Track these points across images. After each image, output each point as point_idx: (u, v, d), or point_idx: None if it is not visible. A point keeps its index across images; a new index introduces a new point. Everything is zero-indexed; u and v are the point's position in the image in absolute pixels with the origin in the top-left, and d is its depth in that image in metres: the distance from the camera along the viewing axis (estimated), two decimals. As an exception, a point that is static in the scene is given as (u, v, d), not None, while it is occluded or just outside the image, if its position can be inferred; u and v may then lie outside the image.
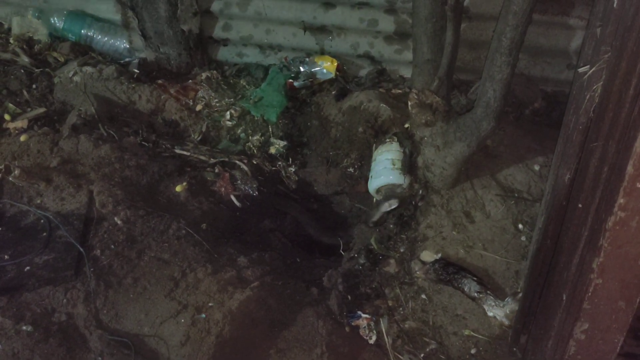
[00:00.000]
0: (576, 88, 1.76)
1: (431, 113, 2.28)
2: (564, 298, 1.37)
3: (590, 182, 1.32)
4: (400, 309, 2.26)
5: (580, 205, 1.36)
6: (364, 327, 2.19)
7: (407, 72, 2.96)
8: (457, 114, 2.32)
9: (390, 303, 2.27)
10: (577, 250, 1.30)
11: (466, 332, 2.19)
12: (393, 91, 2.89)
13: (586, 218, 1.26)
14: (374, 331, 2.18)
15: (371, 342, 2.16)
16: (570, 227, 1.43)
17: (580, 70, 1.57)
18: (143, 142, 2.61)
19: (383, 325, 2.19)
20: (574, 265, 1.32)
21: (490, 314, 2.20)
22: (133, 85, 2.85)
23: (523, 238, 2.39)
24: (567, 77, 2.87)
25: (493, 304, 2.20)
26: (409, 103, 2.31)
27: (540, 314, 1.62)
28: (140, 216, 2.27)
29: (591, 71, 1.45)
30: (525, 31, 2.06)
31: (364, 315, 2.21)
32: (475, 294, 2.22)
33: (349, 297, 2.27)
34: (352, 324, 2.19)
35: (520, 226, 2.42)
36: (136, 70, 3.01)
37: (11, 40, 3.16)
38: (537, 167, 2.55)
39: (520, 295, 2.15)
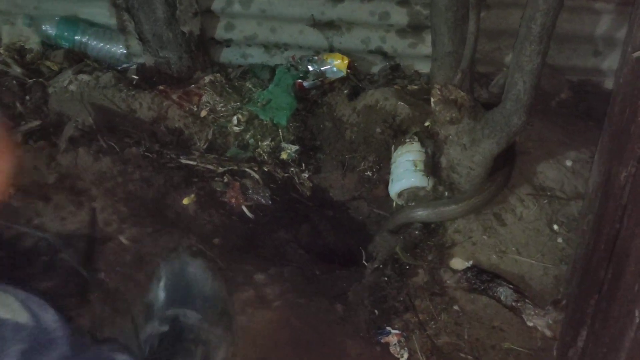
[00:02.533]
0: (627, 76, 1.59)
1: (456, 109, 2.11)
2: (637, 315, 1.20)
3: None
4: (432, 322, 2.09)
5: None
6: (395, 344, 2.02)
7: (422, 67, 2.79)
8: (485, 110, 2.15)
9: (420, 317, 2.10)
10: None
11: (505, 346, 2.02)
12: (409, 87, 2.72)
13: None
14: (406, 348, 2.02)
15: (403, 360, 1.99)
16: (635, 231, 1.26)
17: (636, 55, 1.40)
18: (146, 153, 2.44)
19: (415, 342, 2.03)
20: (650, 278, 1.15)
21: (530, 324, 2.03)
22: (132, 93, 2.68)
23: (559, 240, 2.22)
24: (594, 65, 2.70)
25: (532, 313, 2.03)
26: (432, 100, 2.13)
27: (600, 329, 1.45)
28: (147, 234, 2.11)
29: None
30: (557, 16, 1.89)
31: (393, 331, 2.05)
32: (513, 303, 2.06)
33: (376, 311, 2.10)
34: (382, 341, 2.02)
35: (555, 227, 2.25)
36: (135, 77, 2.84)
37: (1, 51, 2.99)
38: (569, 163, 2.38)
39: (563, 303, 1.98)
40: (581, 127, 2.57)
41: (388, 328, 2.05)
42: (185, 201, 2.31)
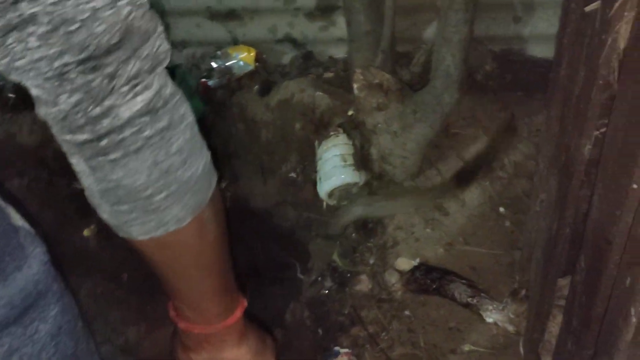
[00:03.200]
0: (571, 35, 1.41)
1: (383, 94, 1.90)
2: (632, 314, 1.01)
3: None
4: (383, 333, 1.87)
5: (635, 186, 1.00)
6: (345, 365, 1.79)
7: (337, 52, 2.58)
8: (412, 91, 1.95)
9: (370, 329, 1.88)
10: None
11: (466, 348, 1.82)
12: (325, 75, 2.49)
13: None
14: (359, 368, 1.79)
15: (357, 382, 1.77)
16: (615, 212, 1.07)
17: (589, 9, 1.21)
18: (32, 184, 2.10)
19: (368, 358, 1.80)
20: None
21: (489, 320, 1.84)
22: (9, 115, 2.33)
23: (507, 223, 2.05)
24: (515, 32, 2.55)
25: (490, 308, 1.84)
26: (355, 86, 1.91)
27: (580, 327, 1.26)
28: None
29: (614, 10, 1.09)
30: (481, -21, 1.71)
31: (342, 351, 1.81)
32: (468, 300, 1.87)
33: (320, 331, 1.87)
34: (331, 364, 1.78)
35: (501, 209, 2.08)
36: (11, 95, 2.48)
37: None
38: (505, 139, 2.22)
39: (523, 293, 1.80)
40: (511, 98, 2.42)
41: (336, 348, 1.82)
42: (86, 232, 2.00)
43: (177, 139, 0.71)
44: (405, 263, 1.98)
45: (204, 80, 2.54)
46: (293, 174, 2.33)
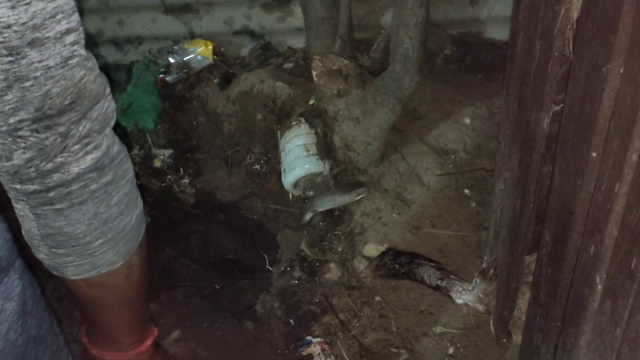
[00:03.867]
0: (525, 11, 1.41)
1: (342, 80, 1.88)
2: (598, 282, 1.01)
3: (604, 119, 0.96)
4: (355, 320, 1.86)
5: (594, 154, 1.00)
6: (318, 354, 1.77)
7: (295, 42, 2.55)
8: (373, 76, 1.94)
9: (341, 316, 1.87)
10: (609, 212, 0.94)
11: (438, 330, 1.82)
12: (285, 66, 2.46)
13: (619, 166, 0.90)
14: (332, 356, 1.77)
15: (331, 370, 1.75)
16: (577, 182, 1.08)
17: (541, -19, 1.21)
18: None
19: (341, 346, 1.79)
20: (609, 235, 0.96)
21: (459, 301, 1.84)
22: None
23: (473, 204, 2.05)
24: (472, 16, 2.56)
25: (460, 289, 1.84)
26: (314, 73, 1.89)
27: (548, 300, 1.27)
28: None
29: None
30: (436, -40, 1.70)
31: (314, 340, 1.80)
32: (437, 282, 1.86)
33: (292, 321, 1.85)
34: (304, 353, 1.77)
35: (466, 191, 2.08)
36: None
37: None
38: (467, 120, 2.22)
39: (491, 272, 1.81)
40: (471, 81, 2.42)
41: (308, 337, 1.80)
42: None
43: (117, 193, 0.77)
44: (373, 249, 1.97)
45: (161, 75, 2.49)
46: (257, 166, 2.30)
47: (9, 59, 0.62)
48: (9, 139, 0.66)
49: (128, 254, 0.83)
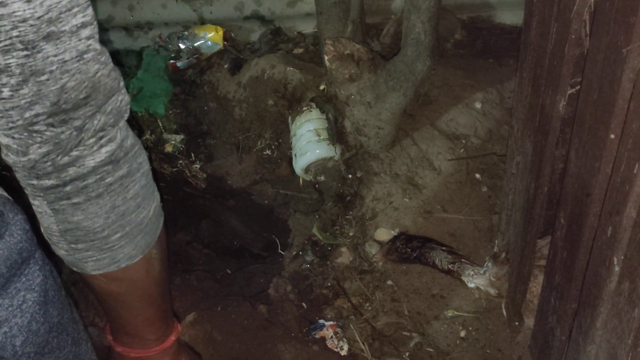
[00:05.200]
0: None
1: (355, 64, 1.88)
2: (615, 263, 1.02)
3: (623, 101, 0.96)
4: (367, 304, 1.87)
5: (612, 136, 1.00)
6: (331, 337, 1.79)
7: (305, 27, 2.55)
8: (385, 61, 1.93)
9: (353, 300, 1.88)
10: (628, 193, 0.95)
11: (449, 314, 1.84)
12: (295, 51, 2.46)
13: (639, 147, 0.91)
14: (344, 339, 1.79)
15: (343, 353, 1.76)
16: (594, 164, 1.08)
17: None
18: None
19: (353, 329, 1.80)
20: (627, 216, 0.96)
21: (471, 285, 1.86)
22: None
23: (484, 189, 2.06)
24: (483, 0, 2.55)
25: (472, 273, 1.85)
26: (326, 57, 1.89)
27: (563, 282, 1.28)
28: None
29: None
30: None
31: (327, 323, 1.81)
32: (449, 266, 1.87)
33: (304, 305, 1.86)
34: (317, 336, 1.78)
35: (477, 176, 2.08)
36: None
37: None
38: (478, 105, 2.22)
39: (503, 256, 1.81)
40: (482, 65, 2.42)
41: (321, 321, 1.81)
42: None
43: (133, 186, 0.78)
44: (384, 233, 1.98)
45: (172, 61, 2.49)
46: (268, 151, 2.31)
47: (25, 53, 0.62)
48: (25, 134, 0.67)
49: (147, 247, 0.84)
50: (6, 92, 0.64)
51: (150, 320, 0.94)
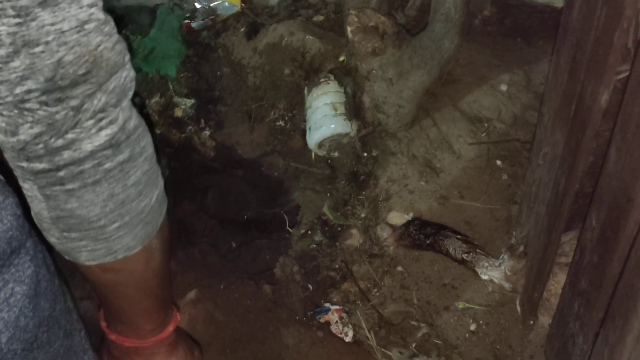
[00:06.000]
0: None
1: (379, 38, 1.78)
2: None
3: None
4: (375, 289, 1.80)
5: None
6: (336, 321, 1.72)
7: (327, -7, 2.43)
8: (410, 36, 1.83)
9: (361, 284, 1.81)
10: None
11: (460, 305, 1.76)
12: (315, 18, 2.35)
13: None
14: (349, 325, 1.72)
15: (348, 339, 1.70)
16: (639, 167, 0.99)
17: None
18: None
19: (360, 315, 1.73)
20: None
21: (484, 277, 1.78)
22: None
23: (504, 176, 1.96)
24: (515, -25, 2.42)
25: (486, 264, 1.77)
26: (349, 29, 1.79)
27: (591, 290, 1.19)
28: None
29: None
30: None
31: (333, 307, 1.75)
32: (463, 256, 1.79)
33: (310, 286, 1.79)
34: (321, 320, 1.72)
35: (498, 162, 1.99)
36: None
37: None
38: (504, 87, 2.12)
39: (521, 249, 1.73)
40: (510, 45, 2.30)
41: (326, 304, 1.75)
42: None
43: (135, 172, 0.69)
44: (398, 217, 1.89)
45: (186, 21, 2.39)
46: (281, 122, 2.22)
47: (17, 20, 0.54)
48: (15, 111, 0.58)
49: (147, 238, 0.75)
50: None
51: (147, 311, 0.87)
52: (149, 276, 0.81)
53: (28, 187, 0.67)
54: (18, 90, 0.57)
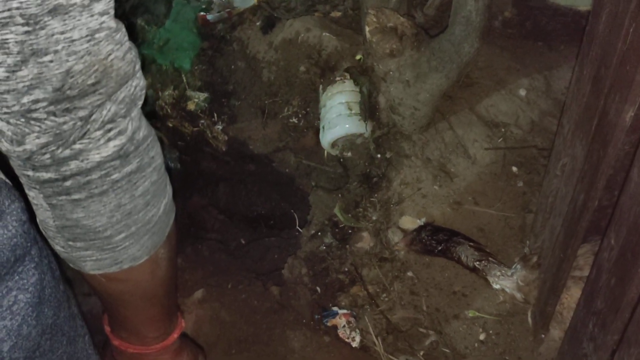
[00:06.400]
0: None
1: (397, 39, 1.74)
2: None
3: None
4: (384, 294, 1.78)
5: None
6: (343, 326, 1.70)
7: (346, -11, 2.39)
8: (429, 37, 1.79)
9: (370, 288, 1.79)
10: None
11: (470, 314, 1.74)
12: (332, 14, 2.31)
13: None
14: (357, 330, 1.70)
15: (355, 344, 1.68)
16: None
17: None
18: None
19: (367, 320, 1.71)
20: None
21: (496, 286, 1.75)
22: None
23: (520, 184, 1.93)
24: (538, -23, 2.37)
25: (498, 273, 1.74)
26: (367, 28, 1.75)
27: (607, 311, 1.17)
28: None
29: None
30: None
31: (340, 311, 1.73)
32: (475, 264, 1.76)
33: (319, 289, 1.77)
34: (328, 324, 1.70)
35: (514, 169, 1.96)
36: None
37: None
38: (523, 92, 2.08)
39: (534, 260, 1.70)
40: (530, 48, 2.26)
41: (334, 308, 1.73)
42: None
43: (143, 182, 0.69)
44: (410, 222, 1.87)
45: (202, 13, 2.37)
46: (295, 119, 2.19)
47: (26, 28, 0.52)
48: (22, 120, 0.57)
49: (154, 248, 0.74)
50: (1, 73, 0.54)
51: (152, 320, 0.87)
52: (155, 286, 0.80)
53: (34, 196, 0.65)
54: (25, 99, 0.56)
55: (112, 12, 0.58)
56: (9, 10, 0.51)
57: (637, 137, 1.12)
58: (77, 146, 0.60)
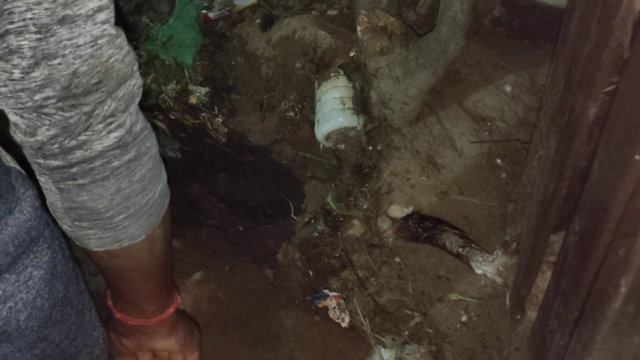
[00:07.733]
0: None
1: (387, 38, 1.84)
2: (623, 284, 1.01)
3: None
4: (373, 278, 1.89)
5: (637, 157, 0.98)
6: (334, 307, 1.81)
7: (342, -12, 2.48)
8: (418, 36, 1.89)
9: (359, 273, 1.89)
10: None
11: (453, 297, 1.85)
12: (328, 12, 2.41)
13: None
14: (346, 311, 1.81)
15: (344, 325, 1.79)
16: (616, 181, 1.06)
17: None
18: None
19: (356, 302, 1.82)
20: (641, 242, 0.95)
21: (478, 271, 1.86)
22: None
23: (503, 175, 2.03)
24: (527, -23, 2.46)
25: (480, 259, 1.85)
26: (359, 28, 1.85)
27: (569, 290, 1.27)
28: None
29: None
30: None
31: (331, 294, 1.83)
32: (459, 250, 1.87)
33: (311, 273, 1.88)
34: (320, 306, 1.80)
35: (498, 161, 2.06)
36: None
37: None
38: (508, 88, 2.18)
39: (514, 246, 1.81)
40: (517, 46, 2.36)
41: (325, 290, 1.83)
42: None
43: (140, 169, 0.78)
44: (398, 210, 1.97)
45: (204, 11, 2.46)
46: (291, 113, 2.29)
47: (38, 36, 0.62)
48: (34, 114, 0.67)
49: (151, 228, 0.84)
50: (17, 74, 0.63)
51: (150, 294, 0.96)
52: (152, 262, 0.90)
53: (44, 181, 0.76)
54: (37, 97, 0.65)
55: (112, 20, 0.68)
56: (23, 20, 0.60)
57: (599, 131, 1.22)
58: (82, 137, 0.70)
